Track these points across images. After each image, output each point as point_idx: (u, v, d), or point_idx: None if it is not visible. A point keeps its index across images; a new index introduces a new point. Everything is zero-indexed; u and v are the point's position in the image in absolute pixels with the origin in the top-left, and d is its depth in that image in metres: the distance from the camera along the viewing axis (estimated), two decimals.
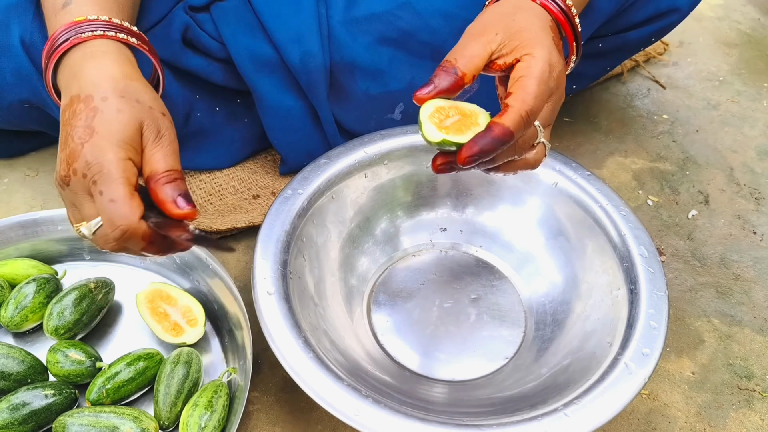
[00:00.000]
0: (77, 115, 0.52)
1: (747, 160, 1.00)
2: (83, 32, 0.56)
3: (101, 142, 0.50)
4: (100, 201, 0.50)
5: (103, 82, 0.53)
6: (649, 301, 0.63)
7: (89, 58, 0.55)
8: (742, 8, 1.31)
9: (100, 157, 0.50)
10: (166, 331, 0.70)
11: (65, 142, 0.52)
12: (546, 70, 0.52)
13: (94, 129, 0.51)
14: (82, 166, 0.50)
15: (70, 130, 0.52)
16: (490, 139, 0.49)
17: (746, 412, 0.72)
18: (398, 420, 0.54)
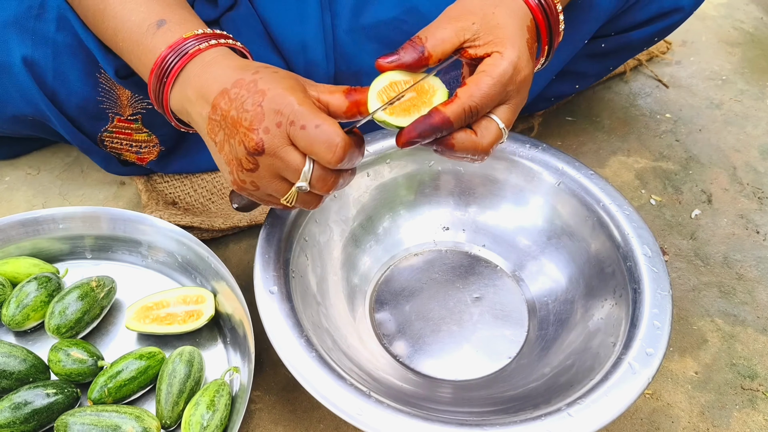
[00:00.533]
0: (236, 98, 0.52)
1: (750, 159, 1.00)
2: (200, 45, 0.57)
3: (277, 92, 0.51)
4: (306, 134, 0.50)
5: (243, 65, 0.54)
6: (653, 301, 0.63)
7: (212, 65, 0.55)
8: (745, 7, 1.31)
9: (286, 99, 0.51)
10: (185, 323, 0.70)
11: (237, 122, 0.52)
12: (508, 72, 0.52)
13: (264, 89, 0.51)
14: (273, 118, 0.51)
15: (238, 109, 0.52)
16: (428, 126, 0.51)
17: (749, 412, 0.72)
18: (401, 419, 0.54)
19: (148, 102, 0.76)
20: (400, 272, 0.78)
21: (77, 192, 0.89)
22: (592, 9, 0.73)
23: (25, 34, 0.68)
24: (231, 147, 0.54)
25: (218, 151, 0.55)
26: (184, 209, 0.85)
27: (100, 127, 0.78)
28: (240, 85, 0.53)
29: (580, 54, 0.82)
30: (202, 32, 0.58)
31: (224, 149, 0.54)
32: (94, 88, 0.72)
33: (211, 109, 0.54)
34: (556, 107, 1.05)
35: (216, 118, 0.54)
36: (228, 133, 0.53)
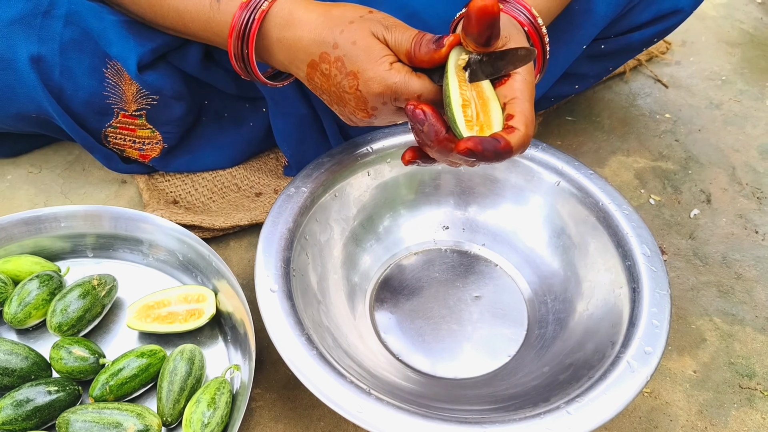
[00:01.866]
0: (330, 75, 0.57)
1: (749, 159, 1.00)
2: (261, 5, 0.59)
3: (368, 75, 0.55)
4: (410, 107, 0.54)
5: (320, 33, 0.57)
6: (652, 300, 0.63)
7: (287, 27, 0.59)
8: (745, 7, 1.31)
9: (380, 82, 0.55)
10: (187, 322, 0.70)
11: (341, 98, 0.58)
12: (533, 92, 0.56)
13: (354, 72, 0.56)
14: (376, 99, 0.56)
15: (337, 88, 0.57)
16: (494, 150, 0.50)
17: (748, 411, 0.72)
18: (401, 417, 0.54)
19: (153, 98, 0.76)
20: (401, 271, 0.78)
21: (79, 190, 0.90)
22: (591, 15, 0.73)
23: (32, 31, 0.69)
24: (342, 111, 0.60)
25: (329, 104, 0.61)
26: (185, 208, 0.86)
27: (105, 122, 0.78)
28: (327, 60, 0.57)
29: (580, 55, 0.82)
30: None
31: (334, 108, 0.61)
32: (101, 82, 0.73)
33: (307, 76, 0.59)
34: (556, 107, 1.06)
35: (317, 86, 0.59)
36: (336, 102, 0.59)
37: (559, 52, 0.77)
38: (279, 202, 0.69)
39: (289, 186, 0.71)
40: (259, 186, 0.89)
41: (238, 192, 0.89)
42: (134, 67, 0.70)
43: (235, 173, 0.90)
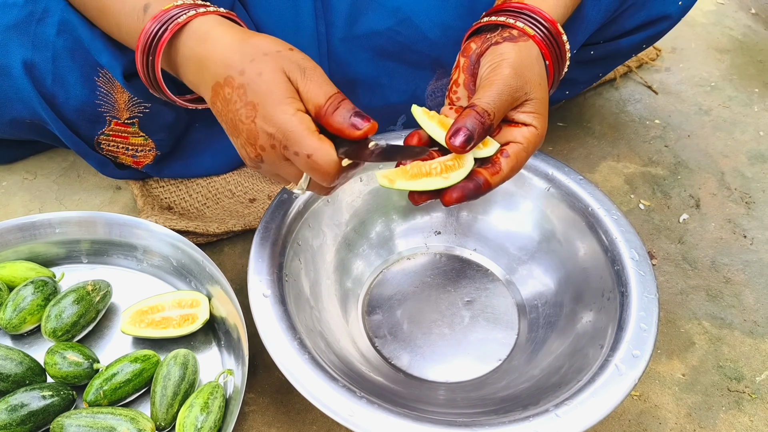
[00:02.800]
0: (231, 100, 0.54)
1: (738, 164, 1.01)
2: (177, 17, 0.57)
3: (267, 111, 0.52)
4: (298, 161, 0.53)
5: (230, 57, 0.55)
6: (640, 304, 0.64)
7: (201, 43, 0.57)
8: (734, 14, 1.32)
9: (276, 124, 0.52)
10: (180, 327, 0.71)
11: (236, 128, 0.55)
12: (538, 146, 0.58)
13: (254, 103, 0.53)
14: (266, 139, 0.53)
15: (234, 116, 0.54)
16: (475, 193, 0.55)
17: (736, 414, 0.73)
18: (392, 420, 0.54)
19: (145, 106, 0.76)
20: (393, 276, 0.79)
21: (73, 197, 0.90)
22: (582, 21, 0.74)
23: (26, 38, 0.69)
24: (235, 143, 0.57)
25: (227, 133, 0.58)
26: (179, 214, 0.86)
27: (97, 130, 0.78)
28: (230, 85, 0.54)
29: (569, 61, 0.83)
30: (182, 2, 0.59)
31: (231, 139, 0.58)
32: (93, 91, 0.73)
33: (211, 99, 0.57)
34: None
35: (217, 111, 0.57)
36: (230, 131, 0.56)
37: None
38: (272, 208, 0.69)
39: (282, 192, 0.71)
40: (253, 192, 0.90)
41: (232, 198, 0.89)
42: (121, 75, 0.70)
43: (228, 179, 0.91)
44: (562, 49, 0.61)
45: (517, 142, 0.57)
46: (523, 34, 0.59)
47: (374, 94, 0.83)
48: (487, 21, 0.61)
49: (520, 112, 0.57)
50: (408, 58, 0.81)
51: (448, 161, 0.55)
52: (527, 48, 0.58)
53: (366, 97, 0.84)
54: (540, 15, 0.60)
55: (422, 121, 0.57)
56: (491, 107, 0.54)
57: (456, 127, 0.53)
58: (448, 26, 0.78)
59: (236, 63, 0.54)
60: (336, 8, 0.78)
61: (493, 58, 0.57)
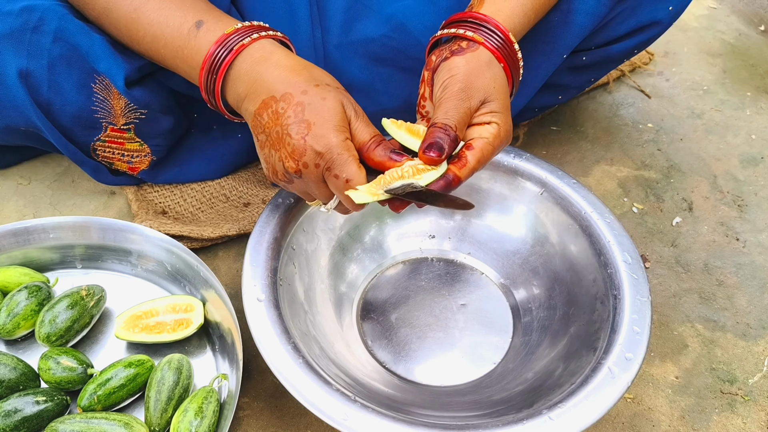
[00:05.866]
0: (283, 114, 0.57)
1: (730, 168, 1.02)
2: (242, 40, 0.60)
3: (322, 131, 0.56)
4: (336, 183, 0.57)
5: (293, 78, 0.58)
6: (633, 307, 0.64)
7: (261, 62, 0.60)
8: (726, 19, 1.33)
9: (328, 145, 0.56)
10: (175, 331, 0.71)
11: (281, 140, 0.57)
12: (504, 139, 0.61)
13: (309, 121, 0.56)
14: (313, 157, 0.56)
15: (282, 129, 0.57)
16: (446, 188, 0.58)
17: (729, 416, 0.73)
18: (386, 424, 0.55)
19: (141, 112, 0.77)
20: (387, 280, 0.79)
21: (68, 202, 0.90)
22: (571, 26, 0.75)
23: (21, 47, 0.69)
24: (271, 156, 0.59)
25: (259, 148, 0.61)
26: (173, 218, 0.86)
27: (93, 136, 0.79)
28: (288, 101, 0.57)
29: (561, 67, 0.84)
30: (241, 26, 0.62)
31: (264, 151, 0.60)
32: (89, 97, 0.73)
33: (257, 110, 0.59)
34: (541, 117, 1.07)
35: (260, 122, 0.59)
36: (270, 144, 0.58)
37: (540, 63, 0.79)
38: (266, 212, 0.70)
39: (277, 196, 0.71)
40: (248, 196, 0.90)
41: (227, 202, 0.89)
42: (122, 83, 0.71)
43: (223, 183, 0.91)
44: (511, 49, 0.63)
45: (481, 138, 0.60)
46: (473, 43, 0.62)
47: (369, 99, 0.84)
48: (441, 34, 0.65)
49: (480, 115, 0.60)
50: (402, 63, 0.81)
51: (419, 164, 0.58)
52: (476, 57, 0.61)
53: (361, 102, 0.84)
54: (488, 23, 0.63)
55: (392, 131, 0.61)
56: (451, 121, 0.58)
57: (427, 142, 0.57)
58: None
59: (300, 83, 0.58)
60: (331, 15, 0.79)
61: (443, 76, 0.61)
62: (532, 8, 0.67)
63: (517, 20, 0.65)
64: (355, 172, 0.57)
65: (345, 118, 0.58)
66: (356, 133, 0.58)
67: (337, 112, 0.57)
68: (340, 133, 0.56)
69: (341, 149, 0.56)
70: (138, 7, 0.65)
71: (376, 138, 0.59)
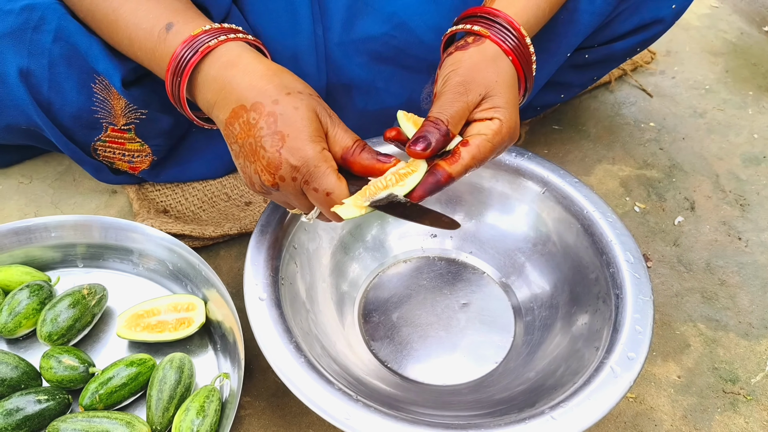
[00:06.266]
0: (255, 126, 0.55)
1: (732, 167, 1.02)
2: (209, 41, 0.58)
3: (296, 144, 0.54)
4: (315, 196, 0.55)
5: (263, 85, 0.56)
6: (635, 306, 0.64)
7: (229, 67, 0.57)
8: (728, 18, 1.33)
9: (304, 158, 0.54)
10: (176, 330, 0.71)
11: (254, 153, 0.55)
12: (505, 137, 0.59)
13: (283, 133, 0.54)
14: (289, 171, 0.54)
15: (255, 141, 0.55)
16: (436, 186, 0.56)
17: (731, 415, 0.73)
18: (388, 423, 0.55)
19: (141, 112, 0.77)
20: (389, 279, 0.79)
21: (69, 200, 0.90)
22: (575, 24, 0.74)
23: (21, 46, 0.69)
24: (247, 167, 0.57)
25: (234, 157, 0.59)
26: (175, 217, 0.86)
27: (94, 136, 0.78)
28: (259, 111, 0.55)
29: (564, 65, 0.83)
30: (210, 27, 0.60)
31: (239, 161, 0.58)
32: (89, 97, 0.73)
33: (227, 119, 0.57)
34: (543, 116, 1.07)
35: (232, 132, 0.57)
36: (245, 155, 0.56)
37: (543, 61, 0.79)
38: (268, 211, 0.70)
39: None
40: (249, 195, 0.90)
41: (228, 201, 0.89)
42: (119, 83, 0.70)
43: (225, 182, 0.91)
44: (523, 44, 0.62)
45: (480, 134, 0.58)
46: (479, 37, 0.61)
47: (370, 98, 0.84)
48: (451, 31, 0.64)
49: (480, 110, 0.59)
50: (404, 62, 0.81)
51: (401, 170, 0.56)
52: (480, 51, 0.60)
53: (362, 101, 0.84)
54: (499, 17, 0.62)
55: (402, 123, 0.60)
56: (443, 115, 0.57)
57: (415, 136, 0.56)
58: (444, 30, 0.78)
59: (270, 92, 0.55)
60: (332, 13, 0.79)
61: (445, 71, 0.60)
62: (547, 2, 0.66)
63: (531, 14, 0.64)
64: (335, 184, 0.54)
65: (320, 127, 0.56)
66: (336, 140, 0.56)
67: (311, 121, 0.55)
68: (316, 144, 0.54)
69: (318, 161, 0.54)
70: (116, 9, 0.64)
71: (359, 143, 0.57)
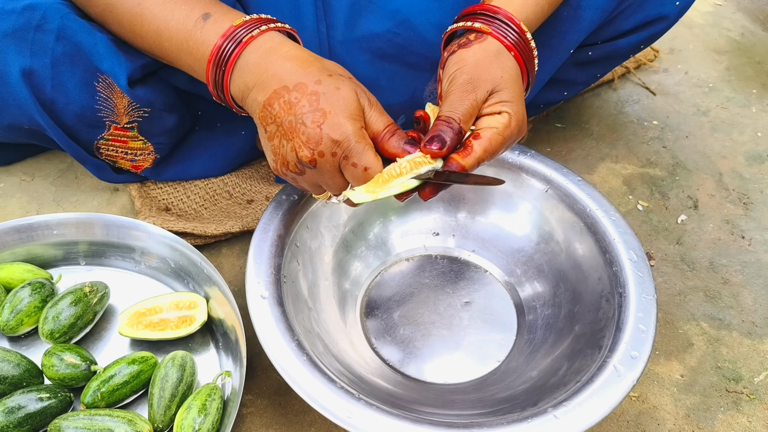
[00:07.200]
0: (296, 104, 0.56)
1: (736, 165, 1.02)
2: (251, 32, 0.60)
3: (338, 120, 0.56)
4: (354, 172, 0.57)
5: (305, 68, 0.58)
6: (638, 305, 0.64)
7: (271, 53, 0.59)
8: (732, 16, 1.33)
9: (345, 134, 0.56)
10: (178, 328, 0.71)
11: (294, 130, 0.57)
12: (515, 129, 0.60)
13: (325, 110, 0.56)
14: (329, 145, 0.56)
15: (296, 118, 0.56)
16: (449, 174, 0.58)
17: (734, 415, 0.73)
18: (390, 422, 0.54)
19: (144, 110, 0.76)
20: (391, 277, 0.79)
21: (71, 198, 0.90)
22: (578, 21, 0.74)
23: (24, 45, 0.69)
24: (282, 147, 0.58)
25: (267, 139, 0.60)
26: (177, 215, 0.86)
27: (97, 134, 0.78)
28: (301, 90, 0.56)
29: (567, 62, 0.83)
30: (249, 18, 0.61)
31: (274, 142, 0.59)
32: (92, 96, 0.73)
33: (267, 100, 0.58)
34: (546, 114, 1.07)
35: (271, 112, 0.58)
36: (282, 134, 0.58)
37: (547, 57, 0.79)
38: (270, 210, 0.69)
39: (280, 193, 0.71)
40: (251, 193, 0.90)
41: (230, 199, 0.89)
42: (125, 82, 0.70)
43: (227, 180, 0.91)
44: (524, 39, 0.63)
45: (490, 128, 0.59)
46: (481, 34, 0.62)
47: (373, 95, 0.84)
48: (451, 29, 0.65)
49: (489, 106, 0.60)
50: (407, 59, 0.81)
51: (416, 158, 0.58)
52: (483, 48, 0.61)
53: None
54: (499, 13, 0.62)
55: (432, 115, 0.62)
56: (454, 113, 0.58)
57: (429, 136, 0.58)
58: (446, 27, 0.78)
59: (313, 73, 0.57)
60: (336, 10, 0.78)
61: (450, 70, 0.61)
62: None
63: (530, 10, 0.65)
64: (373, 160, 0.57)
65: (359, 107, 0.57)
66: (370, 122, 0.58)
67: (353, 101, 0.57)
68: (356, 122, 0.56)
69: (358, 137, 0.56)
70: (142, 2, 0.64)
71: (390, 127, 0.59)
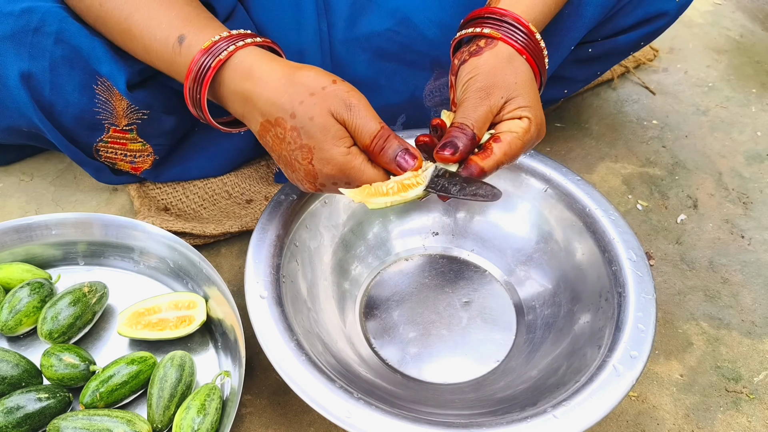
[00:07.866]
0: (284, 140, 0.58)
1: (735, 165, 1.01)
2: (218, 55, 0.59)
3: (323, 155, 0.56)
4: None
5: (278, 98, 0.57)
6: (637, 305, 0.64)
7: (246, 80, 0.59)
8: (732, 15, 1.32)
9: (336, 165, 0.56)
10: (177, 328, 0.71)
11: (291, 165, 0.59)
12: (534, 134, 0.60)
13: (309, 146, 0.57)
14: (326, 178, 0.58)
15: (289, 155, 0.58)
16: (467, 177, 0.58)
17: (734, 414, 0.73)
18: (389, 421, 0.54)
19: (143, 112, 0.76)
20: (390, 277, 0.79)
21: (70, 198, 0.90)
22: (579, 18, 0.74)
23: (23, 48, 0.69)
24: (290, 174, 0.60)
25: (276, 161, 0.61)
26: (176, 215, 0.86)
27: (96, 137, 0.78)
28: (282, 126, 0.57)
29: (567, 60, 0.83)
30: (218, 38, 0.60)
31: (281, 167, 0.61)
32: (91, 99, 0.73)
33: (260, 132, 0.60)
34: (546, 113, 1.07)
35: (267, 144, 0.60)
36: (284, 164, 0.59)
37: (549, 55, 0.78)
38: (269, 209, 0.69)
39: (279, 193, 0.71)
40: (250, 193, 0.90)
41: (229, 199, 0.89)
42: (123, 85, 0.70)
43: (226, 180, 0.91)
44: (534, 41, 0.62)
45: (511, 132, 0.59)
46: (491, 40, 0.61)
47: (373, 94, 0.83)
48: (459, 35, 0.65)
49: (506, 112, 0.60)
50: (407, 58, 0.81)
51: (405, 180, 0.58)
52: (494, 54, 0.61)
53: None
54: (507, 16, 0.62)
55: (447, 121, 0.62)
56: (468, 120, 0.58)
57: (443, 142, 0.58)
58: (447, 25, 0.78)
59: (285, 105, 0.57)
60: (336, 9, 0.78)
61: (463, 78, 0.61)
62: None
63: (538, 11, 0.64)
64: (372, 176, 0.57)
65: (340, 128, 0.57)
66: (357, 133, 0.57)
67: (330, 125, 0.56)
68: (339, 147, 0.56)
69: (350, 163, 0.57)
70: (128, 18, 0.64)
71: (378, 137, 0.57)
